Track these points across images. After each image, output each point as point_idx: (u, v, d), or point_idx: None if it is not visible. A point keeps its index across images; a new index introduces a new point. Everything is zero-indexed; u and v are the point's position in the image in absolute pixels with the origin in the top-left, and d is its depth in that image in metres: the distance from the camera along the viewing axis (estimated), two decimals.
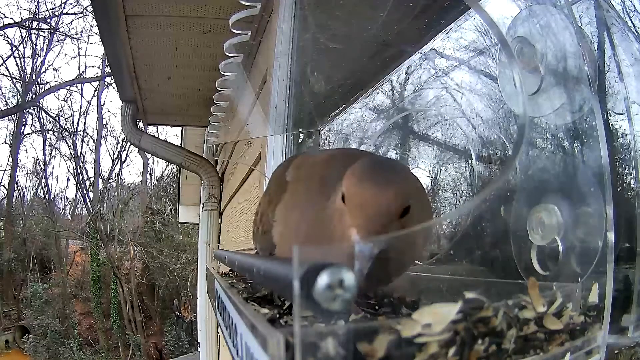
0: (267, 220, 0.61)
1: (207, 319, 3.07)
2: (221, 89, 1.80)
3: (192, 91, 2.71)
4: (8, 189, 11.84)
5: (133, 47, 2.20)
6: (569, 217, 0.56)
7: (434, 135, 1.08)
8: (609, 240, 0.49)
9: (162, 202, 12.26)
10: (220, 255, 0.95)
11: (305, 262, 0.30)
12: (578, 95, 0.57)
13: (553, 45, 0.60)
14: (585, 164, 0.57)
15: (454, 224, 0.90)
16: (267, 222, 0.61)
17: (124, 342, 10.54)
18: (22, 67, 11.75)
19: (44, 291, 10.61)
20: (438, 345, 0.33)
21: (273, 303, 0.57)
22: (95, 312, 10.84)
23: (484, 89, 0.90)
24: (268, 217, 0.61)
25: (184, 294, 10.59)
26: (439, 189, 1.05)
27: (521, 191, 0.64)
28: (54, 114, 12.01)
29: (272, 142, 1.50)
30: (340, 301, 0.31)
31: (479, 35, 0.92)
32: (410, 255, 0.54)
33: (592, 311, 0.47)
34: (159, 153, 3.12)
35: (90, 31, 11.55)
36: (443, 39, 1.00)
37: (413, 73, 1.14)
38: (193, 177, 3.68)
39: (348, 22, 1.09)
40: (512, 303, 0.41)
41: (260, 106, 1.64)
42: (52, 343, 9.83)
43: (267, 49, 1.60)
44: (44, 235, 11.84)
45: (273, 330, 0.32)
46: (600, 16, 0.66)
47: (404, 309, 0.56)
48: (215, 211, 3.15)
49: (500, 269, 0.73)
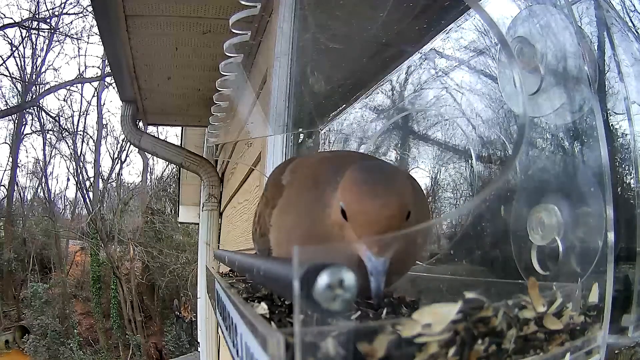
0: (264, 223, 0.61)
1: (207, 319, 3.07)
2: (221, 89, 1.80)
3: (192, 91, 2.71)
4: (8, 189, 11.84)
5: (133, 47, 2.20)
6: (569, 217, 0.56)
7: (434, 135, 1.08)
8: (609, 240, 0.49)
9: (162, 202, 12.26)
10: (220, 255, 0.95)
11: (305, 262, 0.30)
12: (578, 95, 0.57)
13: (553, 45, 0.60)
14: (585, 164, 0.57)
15: (454, 224, 0.90)
16: (264, 224, 0.61)
17: (124, 342, 10.54)
18: (22, 67, 11.76)
19: (44, 291, 10.60)
20: (438, 345, 0.33)
21: (273, 303, 0.57)
22: (95, 312, 10.84)
23: (484, 89, 0.90)
24: (265, 220, 0.61)
25: (184, 294, 10.59)
26: (439, 189, 1.05)
27: (521, 191, 0.64)
28: (54, 114, 12.03)
29: (272, 142, 1.50)
30: (340, 301, 0.31)
31: (479, 35, 0.92)
32: (412, 255, 0.54)
33: (592, 311, 0.47)
34: (159, 153, 3.12)
35: (90, 31, 11.56)
36: (443, 39, 1.00)
37: (413, 73, 1.15)
38: (193, 177, 3.68)
39: (348, 22, 1.09)
40: (512, 303, 0.41)
41: (260, 106, 1.64)
42: (52, 343, 9.83)
43: (267, 49, 1.60)
44: (44, 235, 11.84)
45: (273, 330, 0.33)
46: (600, 16, 0.66)
47: (404, 309, 0.56)
48: (215, 211, 3.14)
49: (500, 269, 0.73)
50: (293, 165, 0.62)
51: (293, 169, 0.61)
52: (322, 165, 0.55)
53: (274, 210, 0.58)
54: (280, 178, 0.60)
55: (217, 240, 3.12)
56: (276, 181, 0.61)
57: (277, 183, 0.61)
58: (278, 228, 0.57)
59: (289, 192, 0.57)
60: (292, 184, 0.58)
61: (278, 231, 0.57)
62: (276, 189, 0.60)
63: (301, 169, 0.60)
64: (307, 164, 0.60)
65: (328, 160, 0.58)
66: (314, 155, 0.72)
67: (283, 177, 0.60)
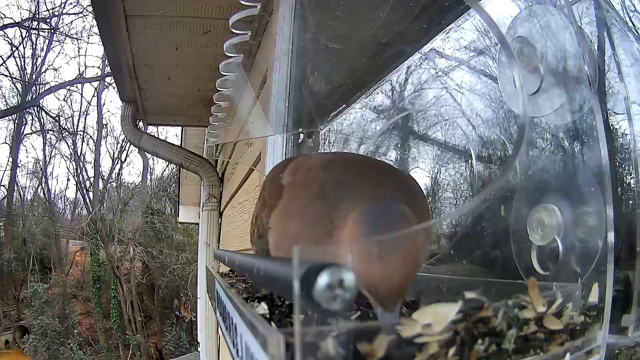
0: (261, 224, 0.60)
1: (207, 319, 3.07)
2: (221, 89, 1.80)
3: (192, 91, 2.71)
4: (8, 189, 11.84)
5: (133, 47, 2.20)
6: (569, 217, 0.56)
7: (434, 135, 1.08)
8: (609, 240, 0.49)
9: (162, 202, 12.27)
10: (220, 255, 0.95)
11: (305, 262, 0.30)
12: (578, 95, 0.57)
13: (553, 45, 0.60)
14: (585, 164, 0.57)
15: (454, 224, 0.90)
16: (261, 226, 0.60)
17: (124, 342, 10.53)
18: (22, 67, 11.76)
19: (44, 291, 10.60)
20: (438, 345, 0.33)
21: (273, 303, 0.57)
22: (95, 312, 10.84)
23: (484, 89, 0.90)
24: (263, 221, 0.59)
25: (184, 294, 10.59)
26: (439, 189, 1.05)
27: (521, 191, 0.64)
28: (54, 114, 12.03)
29: (272, 142, 1.50)
30: (340, 301, 0.31)
31: (479, 35, 0.92)
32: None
33: (592, 311, 0.47)
34: (159, 153, 3.12)
35: (90, 31, 11.56)
36: (443, 39, 1.00)
37: (413, 73, 1.15)
38: (193, 177, 3.68)
39: (348, 22, 1.09)
40: (512, 303, 0.41)
41: (260, 106, 1.64)
42: (52, 343, 9.83)
43: (267, 49, 1.60)
44: (44, 235, 11.84)
45: (273, 330, 0.32)
46: (600, 16, 0.66)
47: (404, 309, 0.56)
48: (215, 211, 3.14)
49: (500, 269, 0.73)
50: (293, 165, 0.60)
51: (293, 170, 0.59)
52: (327, 172, 0.54)
53: (273, 211, 0.56)
54: (280, 177, 0.59)
55: (217, 240, 3.12)
56: (275, 181, 0.60)
57: (276, 183, 0.59)
58: (278, 231, 0.56)
59: (290, 195, 0.56)
60: (293, 186, 0.56)
61: (278, 234, 0.56)
62: (275, 189, 0.58)
63: (303, 172, 0.58)
64: (309, 166, 0.58)
65: (331, 165, 0.56)
66: (315, 157, 0.71)
67: (283, 177, 0.58)
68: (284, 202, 0.56)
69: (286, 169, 0.60)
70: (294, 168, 0.59)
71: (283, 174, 0.59)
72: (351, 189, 0.50)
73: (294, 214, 0.54)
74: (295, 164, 0.61)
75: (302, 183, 0.55)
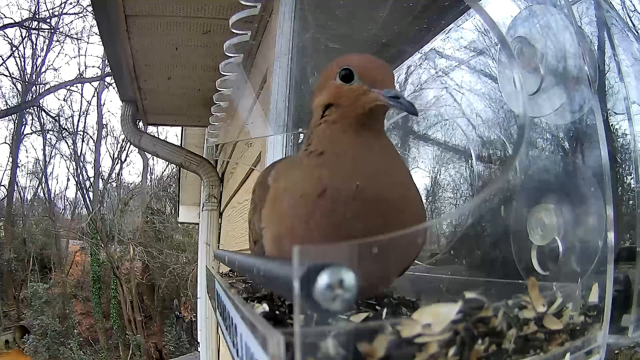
0: (254, 229, 0.61)
1: (207, 319, 3.07)
2: (221, 89, 1.80)
3: (192, 91, 2.71)
4: (8, 189, 11.84)
5: (133, 47, 2.20)
6: (569, 217, 0.56)
7: (434, 135, 1.08)
8: (609, 240, 0.49)
9: (162, 202, 12.26)
10: (220, 255, 0.95)
11: (305, 262, 0.30)
12: (578, 95, 0.57)
13: (553, 45, 0.60)
14: (585, 164, 0.57)
15: (454, 224, 0.90)
16: (254, 230, 0.61)
17: (124, 342, 10.53)
18: (22, 67, 11.76)
19: (44, 291, 10.59)
20: (438, 345, 0.33)
21: (273, 303, 0.57)
22: (95, 312, 10.84)
23: (484, 89, 0.90)
24: (255, 225, 0.61)
25: (184, 294, 10.59)
26: (439, 189, 1.05)
27: (521, 191, 0.64)
28: (54, 114, 12.02)
29: (272, 142, 1.50)
30: (340, 301, 0.31)
31: (479, 35, 0.92)
32: (410, 254, 0.54)
33: (592, 311, 0.47)
34: (159, 153, 3.12)
35: (90, 31, 11.56)
36: (443, 39, 1.00)
37: (413, 73, 1.14)
38: (193, 177, 3.68)
39: (348, 22, 1.09)
40: (512, 303, 0.41)
41: (260, 106, 1.64)
42: (52, 343, 9.82)
43: (267, 49, 1.60)
44: (44, 235, 11.84)
45: (273, 330, 0.32)
46: (600, 16, 0.66)
47: (403, 309, 0.56)
48: (215, 211, 3.15)
49: (500, 269, 0.73)
50: (278, 167, 0.62)
51: (277, 172, 0.60)
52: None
53: (263, 210, 0.58)
54: (267, 180, 0.60)
55: (217, 240, 3.12)
56: (262, 185, 0.61)
57: (263, 185, 0.61)
58: (270, 222, 0.57)
59: (276, 186, 0.57)
60: (277, 180, 0.58)
61: (271, 226, 0.57)
62: (263, 190, 0.60)
63: (286, 168, 0.60)
64: (290, 164, 0.60)
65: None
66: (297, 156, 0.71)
67: (269, 178, 0.60)
68: (270, 195, 0.57)
69: (271, 172, 0.62)
70: (278, 170, 0.61)
71: (269, 176, 0.61)
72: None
73: (282, 197, 0.55)
74: (280, 166, 0.63)
75: (285, 175, 0.57)
